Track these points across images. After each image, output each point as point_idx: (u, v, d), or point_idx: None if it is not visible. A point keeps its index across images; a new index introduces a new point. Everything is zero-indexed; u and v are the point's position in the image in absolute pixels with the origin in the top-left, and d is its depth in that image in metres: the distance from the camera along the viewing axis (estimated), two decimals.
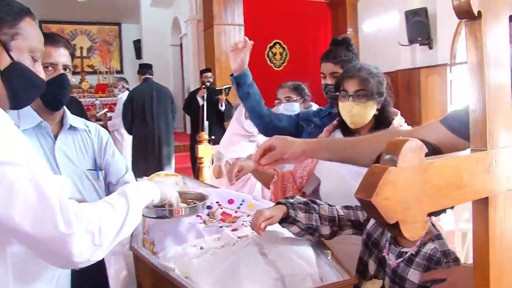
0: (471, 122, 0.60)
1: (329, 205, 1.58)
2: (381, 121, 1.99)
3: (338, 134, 2.10)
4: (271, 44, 9.67)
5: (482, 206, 0.59)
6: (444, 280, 1.20)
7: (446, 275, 1.19)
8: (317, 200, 1.59)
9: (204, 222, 1.72)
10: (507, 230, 0.61)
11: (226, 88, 6.91)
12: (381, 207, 0.47)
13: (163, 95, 6.50)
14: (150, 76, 6.66)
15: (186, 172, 5.46)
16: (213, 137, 6.60)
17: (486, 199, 0.59)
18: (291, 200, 1.53)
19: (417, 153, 0.50)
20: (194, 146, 5.97)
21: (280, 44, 9.74)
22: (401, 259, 1.35)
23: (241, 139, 3.51)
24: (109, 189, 1.96)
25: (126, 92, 7.48)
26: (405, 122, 2.09)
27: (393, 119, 2.02)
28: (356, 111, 1.93)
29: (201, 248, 1.45)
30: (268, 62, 9.64)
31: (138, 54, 15.04)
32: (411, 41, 7.88)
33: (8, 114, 1.68)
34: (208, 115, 6.75)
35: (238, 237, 1.48)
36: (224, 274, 1.25)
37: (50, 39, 1.68)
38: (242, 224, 1.68)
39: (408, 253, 1.34)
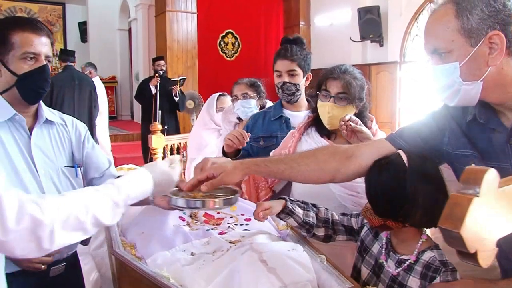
0: None
1: (326, 208, 1.61)
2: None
3: (313, 132, 2.08)
4: (224, 34, 9.61)
5: None
6: None
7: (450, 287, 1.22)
8: (316, 204, 1.62)
9: (188, 224, 1.68)
10: None
11: (181, 79, 6.81)
12: (467, 238, 0.47)
13: (84, 84, 6.08)
14: (71, 64, 6.24)
15: (137, 162, 5.34)
16: (166, 127, 6.50)
17: None
18: (292, 198, 1.58)
19: (495, 182, 0.51)
20: (146, 136, 5.85)
21: (232, 34, 9.69)
22: (401, 267, 1.36)
23: (209, 131, 3.47)
24: (92, 184, 1.83)
25: (96, 78, 7.03)
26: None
27: (369, 125, 2.05)
28: (336, 113, 1.93)
29: (192, 253, 1.41)
30: (220, 51, 9.58)
31: (84, 37, 14.47)
32: (363, 38, 8.06)
33: None
34: (160, 104, 6.62)
35: (230, 242, 1.46)
36: (224, 282, 1.22)
37: (32, 25, 1.57)
38: (229, 227, 1.65)
39: (408, 261, 1.35)
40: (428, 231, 1.43)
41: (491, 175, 0.50)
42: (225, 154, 2.20)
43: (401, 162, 1.31)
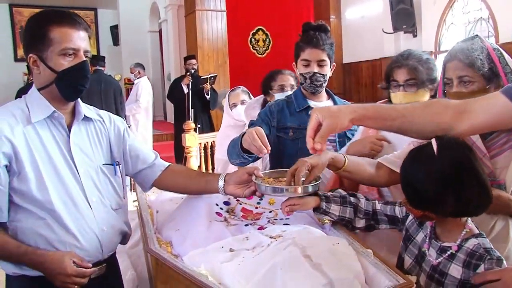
0: None
1: (367, 199, 1.59)
2: None
3: None
4: (254, 31, 9.59)
5: None
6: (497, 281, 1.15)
7: (499, 276, 1.14)
8: (358, 194, 1.60)
9: (226, 219, 1.62)
10: None
11: (211, 76, 6.80)
12: None
13: (110, 87, 6.39)
14: (101, 68, 6.53)
15: (169, 161, 5.32)
16: (199, 125, 6.50)
17: None
18: (329, 194, 1.56)
19: None
20: (179, 135, 5.85)
21: (263, 30, 9.65)
22: (443, 256, 1.32)
23: (235, 130, 3.40)
24: (143, 175, 1.82)
25: (144, 78, 7.46)
26: None
27: None
28: (409, 100, 1.89)
29: (231, 250, 1.34)
30: (251, 49, 9.55)
31: (116, 40, 14.70)
32: (396, 29, 7.88)
33: (14, 105, 1.55)
34: (193, 103, 6.63)
35: (271, 237, 1.39)
36: (265, 280, 1.15)
37: (70, 20, 1.52)
38: (268, 221, 1.58)
39: (452, 249, 1.30)
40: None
41: None
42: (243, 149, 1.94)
43: (431, 151, 1.26)
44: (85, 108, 1.68)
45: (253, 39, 9.57)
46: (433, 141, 1.27)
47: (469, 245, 1.29)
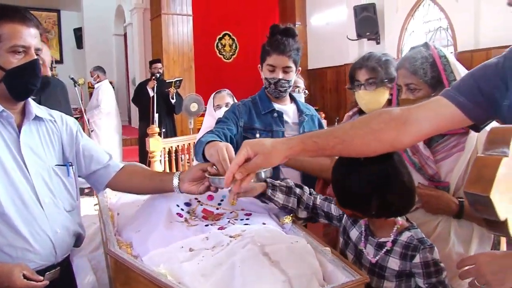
0: None
1: (310, 193, 1.68)
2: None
3: None
4: (221, 36, 9.60)
5: None
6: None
7: (473, 261, 1.19)
8: (304, 187, 1.69)
9: (186, 220, 1.61)
10: None
11: (176, 80, 6.78)
12: (497, 202, 0.42)
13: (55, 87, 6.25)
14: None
15: None
16: (163, 130, 6.45)
17: None
18: (277, 182, 1.65)
19: None
20: (143, 139, 5.80)
21: (229, 35, 9.68)
22: (381, 252, 1.38)
23: None
24: (98, 176, 1.78)
25: (104, 81, 7.26)
26: None
27: None
28: (369, 98, 2.09)
29: (190, 249, 1.34)
30: (218, 53, 9.56)
31: (79, 43, 14.44)
32: (359, 36, 8.02)
33: None
34: (158, 107, 6.59)
35: (231, 236, 1.39)
36: (225, 278, 1.15)
37: (21, 16, 1.47)
38: (229, 221, 1.59)
39: (387, 246, 1.37)
40: None
41: None
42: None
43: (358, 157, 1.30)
44: (36, 108, 1.62)
45: (219, 44, 9.59)
46: None
47: (403, 238, 1.35)
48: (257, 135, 2.20)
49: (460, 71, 1.67)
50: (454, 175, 1.64)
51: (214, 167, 1.56)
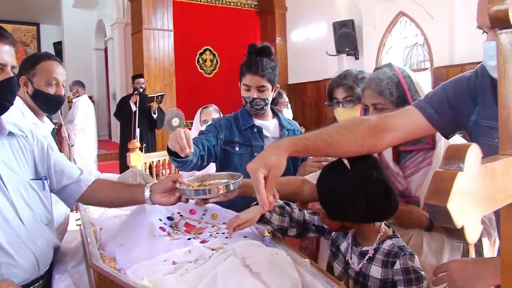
0: (501, 129, 0.61)
1: (299, 209, 1.70)
2: None
3: None
4: (201, 51, 9.63)
5: (511, 210, 0.61)
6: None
7: (446, 268, 1.24)
8: (291, 203, 1.71)
9: (169, 234, 1.64)
10: None
11: (158, 95, 6.80)
12: (453, 212, 0.47)
13: None
14: None
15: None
16: (144, 144, 6.45)
17: None
18: None
19: (478, 158, 0.51)
20: (124, 154, 5.79)
21: (210, 50, 9.72)
22: (364, 260, 1.43)
23: None
24: (69, 191, 1.78)
25: (83, 97, 7.23)
26: None
27: None
28: (347, 115, 2.12)
29: (174, 263, 1.37)
30: (199, 68, 9.58)
31: (59, 57, 14.33)
32: (339, 51, 8.16)
33: None
34: (139, 122, 6.60)
35: (212, 249, 1.43)
36: None
37: None
38: (211, 235, 1.62)
39: (369, 253, 1.42)
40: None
41: (474, 150, 0.50)
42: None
43: (343, 167, 1.38)
44: (7, 123, 1.62)
45: (200, 59, 9.62)
46: (344, 159, 1.40)
47: (385, 246, 1.41)
48: (237, 148, 2.27)
49: (424, 89, 1.74)
50: (423, 190, 1.69)
51: (185, 178, 1.63)
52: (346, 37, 7.97)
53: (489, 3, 0.59)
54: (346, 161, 1.38)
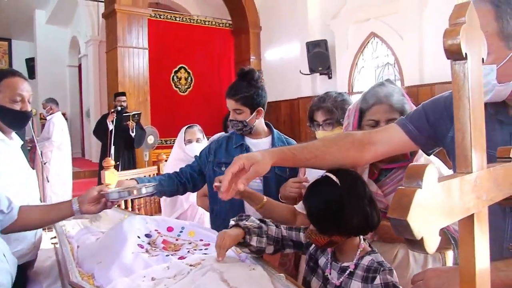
0: (458, 149, 0.68)
1: (276, 226, 1.70)
2: None
3: None
4: (176, 69, 9.68)
5: (468, 222, 0.68)
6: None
7: (422, 276, 1.30)
8: (267, 220, 1.72)
9: (147, 251, 1.67)
10: (486, 242, 0.70)
11: (134, 114, 6.79)
12: (413, 225, 0.53)
13: None
14: None
15: None
16: (118, 163, 6.42)
17: (472, 215, 0.67)
18: (247, 223, 1.65)
19: (435, 176, 0.57)
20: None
21: (185, 69, 9.78)
22: (344, 275, 1.46)
23: (184, 164, 3.52)
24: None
25: (57, 114, 7.12)
26: None
27: None
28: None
29: (153, 279, 1.40)
30: (174, 87, 9.62)
31: (31, 73, 14.20)
32: (312, 70, 8.31)
33: None
34: (117, 140, 6.58)
35: (191, 265, 1.46)
36: None
37: None
38: (188, 251, 1.66)
39: (349, 268, 1.46)
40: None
41: (431, 169, 0.57)
42: None
43: (332, 182, 1.43)
44: None
45: (175, 77, 9.66)
46: (330, 175, 1.44)
47: (364, 262, 1.45)
48: (223, 168, 2.34)
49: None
50: None
51: (108, 186, 1.85)
52: (319, 57, 8.13)
53: (444, 37, 0.66)
54: (333, 177, 1.43)
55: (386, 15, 7.21)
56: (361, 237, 1.51)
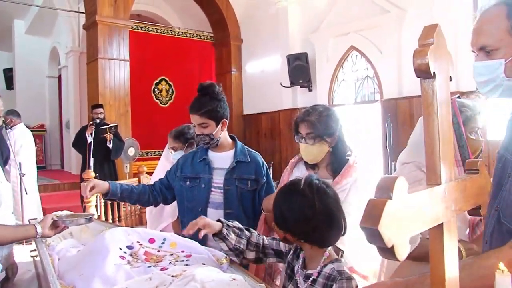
0: (427, 162, 0.72)
1: (258, 234, 1.78)
2: (335, 155, 2.20)
3: (301, 166, 2.35)
4: (157, 81, 9.68)
5: (438, 230, 0.72)
6: None
7: None
8: (251, 229, 1.79)
9: (129, 262, 1.67)
10: (455, 249, 0.74)
11: (111, 126, 6.76)
12: (384, 233, 0.57)
13: None
14: None
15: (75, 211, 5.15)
16: (97, 174, 6.36)
17: (441, 224, 0.71)
18: (230, 222, 1.75)
19: (404, 188, 0.61)
20: None
21: (166, 81, 9.79)
22: (308, 281, 1.50)
23: None
24: None
25: (18, 125, 6.62)
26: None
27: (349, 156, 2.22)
28: (310, 151, 2.19)
29: None
30: (154, 98, 9.62)
31: (10, 84, 14.02)
32: (292, 83, 8.39)
33: None
34: (96, 152, 6.53)
35: (173, 276, 1.47)
36: None
37: None
38: (170, 263, 1.67)
39: (313, 275, 1.50)
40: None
41: (401, 182, 0.60)
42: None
43: (295, 187, 1.50)
44: None
45: (156, 89, 9.66)
46: (298, 181, 1.51)
47: (326, 270, 1.48)
48: (187, 182, 2.46)
49: None
50: None
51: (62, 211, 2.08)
52: (299, 70, 8.22)
53: (414, 57, 0.71)
54: (303, 183, 1.49)
55: (366, 29, 7.35)
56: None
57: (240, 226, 1.77)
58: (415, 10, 6.67)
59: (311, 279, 1.49)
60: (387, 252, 0.59)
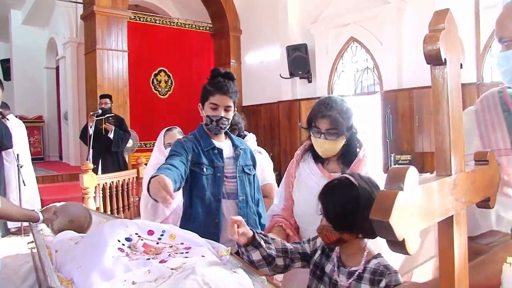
0: (437, 152, 0.70)
1: (281, 240, 1.73)
2: (347, 149, 2.13)
3: (309, 159, 2.22)
4: (156, 72, 9.63)
5: (447, 224, 0.69)
6: None
7: None
8: (269, 234, 1.73)
9: (128, 255, 1.65)
10: (464, 242, 0.72)
11: (108, 117, 6.72)
12: (395, 226, 0.54)
13: None
14: None
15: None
16: (95, 166, 6.34)
17: (451, 217, 0.69)
18: (256, 229, 1.69)
19: (415, 179, 0.58)
20: None
21: (165, 71, 9.73)
22: (352, 278, 1.51)
23: None
24: None
25: (9, 116, 6.48)
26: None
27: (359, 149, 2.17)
28: (328, 147, 2.08)
29: (133, 283, 1.38)
30: (153, 89, 9.56)
31: (7, 74, 13.93)
32: (292, 74, 8.37)
33: None
34: (97, 143, 6.50)
35: (172, 269, 1.45)
36: None
37: None
38: (169, 255, 1.64)
39: (358, 271, 1.51)
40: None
41: (412, 172, 0.58)
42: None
43: (349, 182, 1.51)
44: None
45: (155, 80, 9.60)
46: (349, 176, 1.54)
47: (371, 265, 1.50)
48: (204, 169, 2.34)
49: None
50: None
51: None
52: (299, 61, 8.19)
53: (424, 43, 0.68)
54: (351, 178, 1.52)
55: (366, 20, 7.31)
56: (366, 240, 1.56)
57: (261, 232, 1.71)
58: (416, 1, 6.63)
59: (355, 275, 1.51)
60: (398, 245, 0.56)
